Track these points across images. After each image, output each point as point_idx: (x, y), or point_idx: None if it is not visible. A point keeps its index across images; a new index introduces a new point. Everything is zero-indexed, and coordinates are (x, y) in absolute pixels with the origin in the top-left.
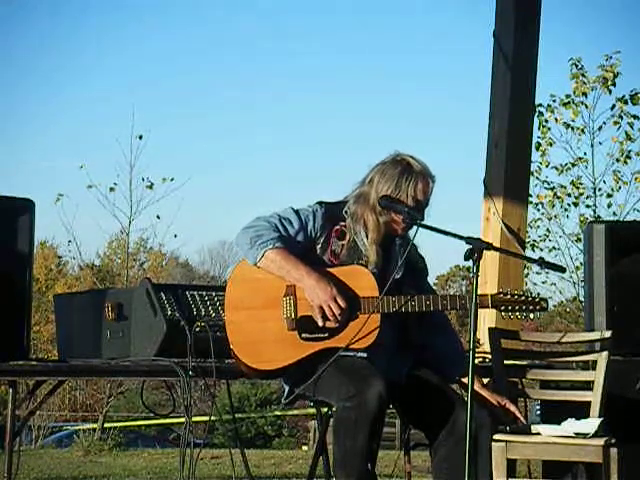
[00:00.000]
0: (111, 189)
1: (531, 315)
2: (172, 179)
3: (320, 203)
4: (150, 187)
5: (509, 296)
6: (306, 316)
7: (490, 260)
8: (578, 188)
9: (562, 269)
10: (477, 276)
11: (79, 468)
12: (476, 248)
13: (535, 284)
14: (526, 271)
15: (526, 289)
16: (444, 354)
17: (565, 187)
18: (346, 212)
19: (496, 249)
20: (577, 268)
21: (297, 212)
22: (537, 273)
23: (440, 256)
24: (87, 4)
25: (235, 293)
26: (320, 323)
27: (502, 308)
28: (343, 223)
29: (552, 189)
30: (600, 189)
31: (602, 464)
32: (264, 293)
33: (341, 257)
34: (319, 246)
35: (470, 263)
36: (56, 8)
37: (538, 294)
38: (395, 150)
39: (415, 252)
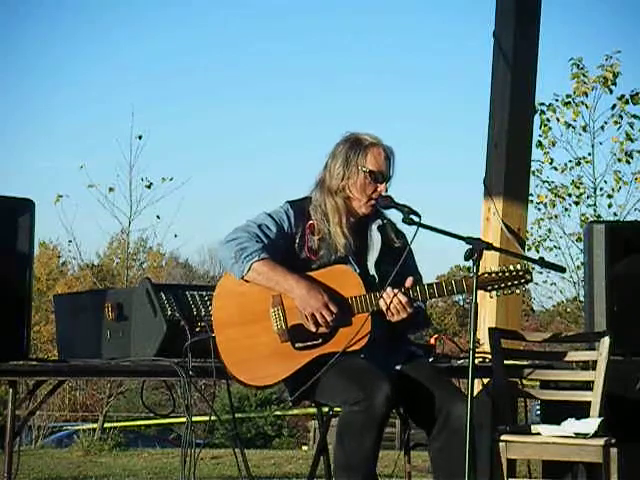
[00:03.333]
0: (110, 189)
1: (517, 290)
2: (171, 179)
3: (289, 202)
4: (149, 187)
5: (493, 275)
6: (297, 325)
7: (490, 260)
8: (579, 188)
9: (562, 269)
10: (477, 276)
11: (79, 468)
12: (476, 248)
13: (536, 284)
14: None
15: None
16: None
17: (566, 187)
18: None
19: (496, 249)
20: (577, 268)
21: (271, 216)
22: (539, 272)
23: (440, 256)
24: (87, 4)
25: (222, 311)
26: (313, 329)
27: (488, 288)
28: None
29: (553, 189)
30: (601, 189)
31: (602, 464)
32: (251, 307)
33: (319, 252)
34: (296, 244)
35: (470, 263)
36: (56, 8)
37: (522, 266)
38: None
39: (392, 230)
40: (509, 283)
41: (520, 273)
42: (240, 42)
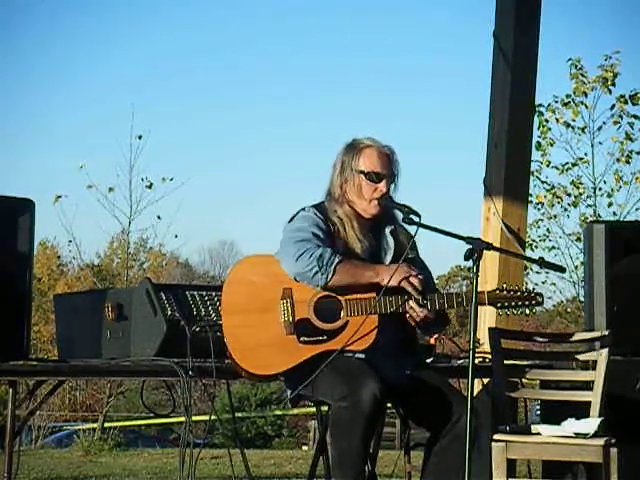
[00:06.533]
0: (110, 189)
1: (527, 310)
2: (172, 179)
3: (313, 206)
4: (149, 187)
5: (505, 292)
6: (304, 319)
7: (490, 260)
8: (578, 188)
9: (562, 269)
10: (477, 276)
11: (79, 468)
12: (476, 248)
13: (536, 284)
14: (526, 270)
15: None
16: None
17: (565, 187)
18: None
19: (496, 249)
20: (577, 268)
21: (308, 223)
22: (537, 272)
23: (441, 256)
24: (87, 4)
25: (231, 297)
26: (416, 296)
27: (498, 305)
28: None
29: (552, 189)
30: (600, 189)
31: (602, 464)
32: (260, 296)
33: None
34: None
35: (470, 263)
36: (56, 8)
37: (533, 289)
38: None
39: (405, 238)
40: (520, 303)
41: (532, 295)
42: (240, 42)
